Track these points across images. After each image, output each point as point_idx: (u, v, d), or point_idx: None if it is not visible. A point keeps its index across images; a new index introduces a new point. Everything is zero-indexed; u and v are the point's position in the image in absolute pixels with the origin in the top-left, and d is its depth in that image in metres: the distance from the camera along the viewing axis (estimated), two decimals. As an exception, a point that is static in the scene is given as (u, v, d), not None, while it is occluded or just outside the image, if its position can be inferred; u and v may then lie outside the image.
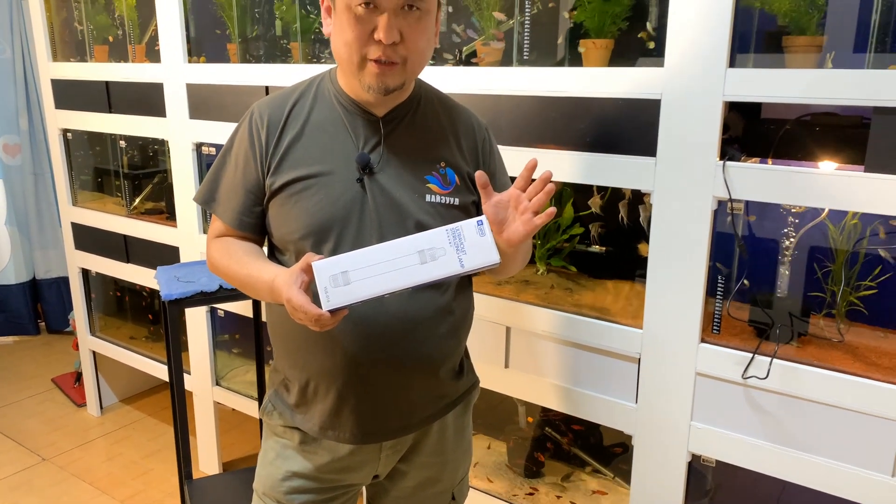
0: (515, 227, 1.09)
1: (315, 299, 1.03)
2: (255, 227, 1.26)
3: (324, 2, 1.18)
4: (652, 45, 1.63)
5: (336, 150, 1.20)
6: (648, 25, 1.65)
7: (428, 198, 1.21)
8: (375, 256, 1.03)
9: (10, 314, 4.04)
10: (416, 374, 1.24)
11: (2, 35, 3.78)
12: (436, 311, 1.23)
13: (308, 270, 1.04)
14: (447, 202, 1.22)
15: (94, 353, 3.19)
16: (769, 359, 1.46)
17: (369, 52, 1.11)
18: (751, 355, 1.48)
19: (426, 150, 1.24)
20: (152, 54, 2.62)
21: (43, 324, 4.20)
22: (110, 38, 2.80)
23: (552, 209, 1.08)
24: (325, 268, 1.03)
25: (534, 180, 1.10)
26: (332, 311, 1.01)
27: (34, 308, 4.13)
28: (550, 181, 1.08)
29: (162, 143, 2.85)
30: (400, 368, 1.22)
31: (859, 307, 1.55)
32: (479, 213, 1.29)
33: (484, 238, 1.04)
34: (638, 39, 1.66)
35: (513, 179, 1.37)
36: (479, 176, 1.09)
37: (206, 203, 1.29)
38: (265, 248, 1.30)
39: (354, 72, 1.14)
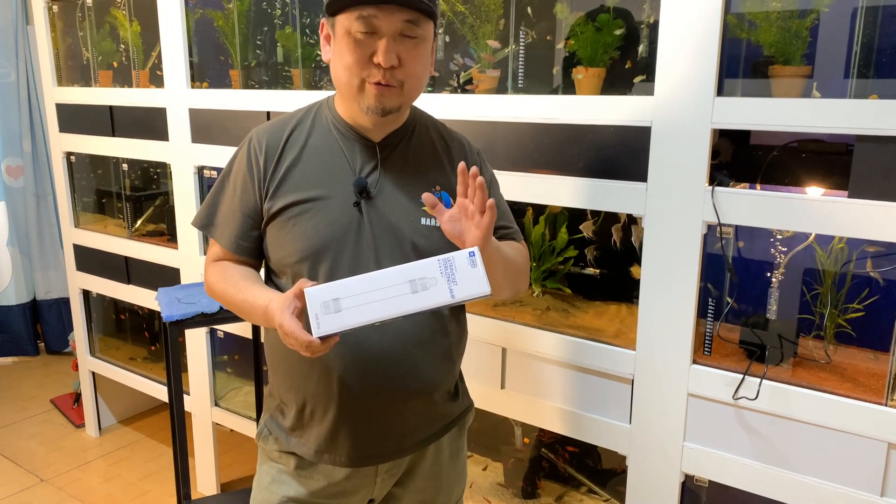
0: (472, 233, 1.09)
1: (308, 325, 1.04)
2: (251, 251, 1.28)
3: (323, 29, 1.22)
4: (638, 78, 1.68)
5: (333, 175, 1.23)
6: (641, 47, 1.69)
7: (423, 221, 1.24)
8: (367, 284, 1.05)
9: (10, 335, 4.06)
10: (412, 397, 1.26)
11: (7, 59, 3.85)
12: (431, 333, 1.25)
13: (301, 296, 1.06)
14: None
15: (93, 373, 3.21)
16: (759, 380, 1.49)
17: (369, 75, 1.15)
18: (741, 376, 1.51)
19: (421, 174, 1.27)
20: (155, 79, 2.68)
21: (42, 344, 4.22)
22: (115, 64, 2.85)
23: (491, 200, 1.06)
24: (316, 294, 1.04)
25: None
26: (322, 338, 1.03)
27: (34, 329, 4.15)
28: (479, 175, 1.07)
29: (163, 166, 2.90)
30: (396, 391, 1.24)
31: (847, 329, 1.58)
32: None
33: (475, 269, 1.05)
34: (629, 68, 1.71)
35: (508, 202, 1.41)
36: (426, 197, 1.08)
37: (204, 227, 1.31)
38: (262, 272, 1.33)
39: (354, 95, 1.17)
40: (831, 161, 1.48)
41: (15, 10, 3.81)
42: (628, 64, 1.70)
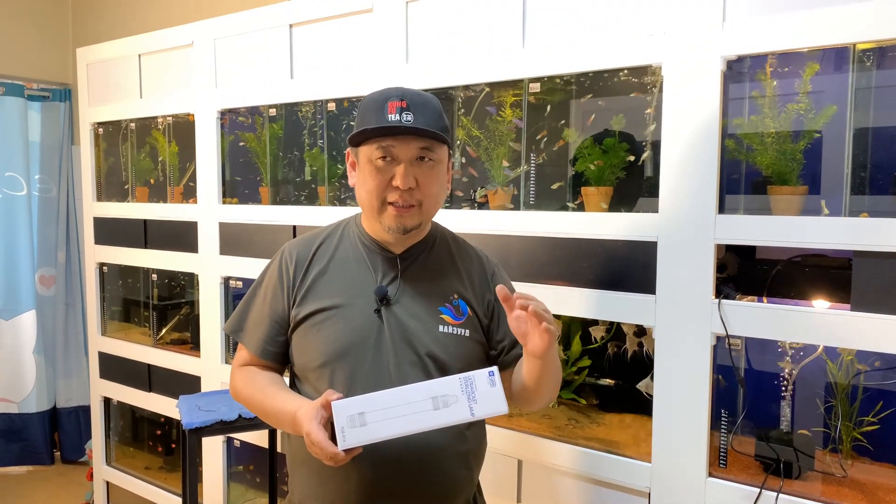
0: (535, 341, 1.15)
1: (332, 434, 1.10)
2: (277, 356, 1.35)
3: (349, 158, 1.35)
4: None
5: (356, 284, 1.31)
6: (646, 167, 1.80)
7: (441, 328, 1.30)
8: (391, 399, 1.12)
9: (27, 443, 4.05)
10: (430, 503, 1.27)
11: (50, 176, 4.09)
12: (449, 439, 1.27)
13: (328, 406, 1.12)
14: (459, 333, 1.30)
15: (107, 483, 3.19)
16: (776, 494, 1.47)
17: (388, 196, 1.25)
18: (758, 490, 1.50)
19: (440, 284, 1.34)
20: (188, 194, 2.84)
21: (58, 453, 4.20)
22: (152, 181, 3.04)
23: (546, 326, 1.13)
24: (343, 407, 1.11)
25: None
26: (346, 451, 1.09)
27: (51, 437, 4.14)
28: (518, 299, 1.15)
29: (190, 277, 3.01)
30: (414, 498, 1.26)
31: (863, 442, 1.58)
32: (489, 346, 1.37)
33: (494, 388, 1.12)
34: (635, 186, 1.81)
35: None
36: (500, 289, 1.15)
37: (235, 332, 1.40)
38: (286, 378, 1.38)
39: (376, 215, 1.28)
40: (834, 275, 1.53)
41: (62, 132, 4.09)
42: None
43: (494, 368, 1.14)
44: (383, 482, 1.24)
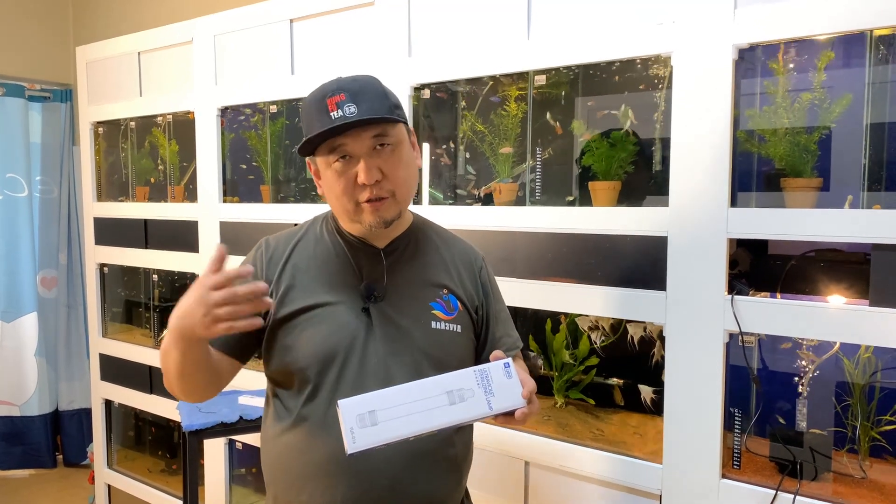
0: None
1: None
2: (231, 347, 1.23)
3: (311, 168, 1.27)
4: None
5: (341, 282, 1.24)
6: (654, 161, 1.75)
7: (434, 325, 1.24)
8: (403, 396, 1.03)
9: (29, 446, 4.02)
10: None
11: (51, 177, 4.06)
12: (437, 443, 1.21)
13: (222, 259, 1.04)
14: (452, 329, 1.25)
15: (108, 486, 3.16)
16: (792, 496, 1.43)
17: (359, 196, 1.18)
18: (773, 492, 1.45)
19: (428, 278, 1.28)
20: (189, 194, 2.80)
21: (60, 457, 4.17)
22: (152, 180, 3.00)
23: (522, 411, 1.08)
24: (351, 406, 1.01)
25: None
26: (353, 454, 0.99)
27: (53, 440, 4.11)
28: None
29: (192, 278, 2.97)
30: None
31: (882, 442, 1.53)
32: (478, 342, 1.31)
33: (511, 380, 1.05)
34: (644, 180, 1.76)
35: (527, 311, 1.42)
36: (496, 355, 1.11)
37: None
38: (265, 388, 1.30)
39: (352, 217, 1.21)
40: (851, 270, 1.49)
41: (63, 132, 4.07)
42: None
43: (509, 360, 1.08)
44: (370, 490, 1.17)
